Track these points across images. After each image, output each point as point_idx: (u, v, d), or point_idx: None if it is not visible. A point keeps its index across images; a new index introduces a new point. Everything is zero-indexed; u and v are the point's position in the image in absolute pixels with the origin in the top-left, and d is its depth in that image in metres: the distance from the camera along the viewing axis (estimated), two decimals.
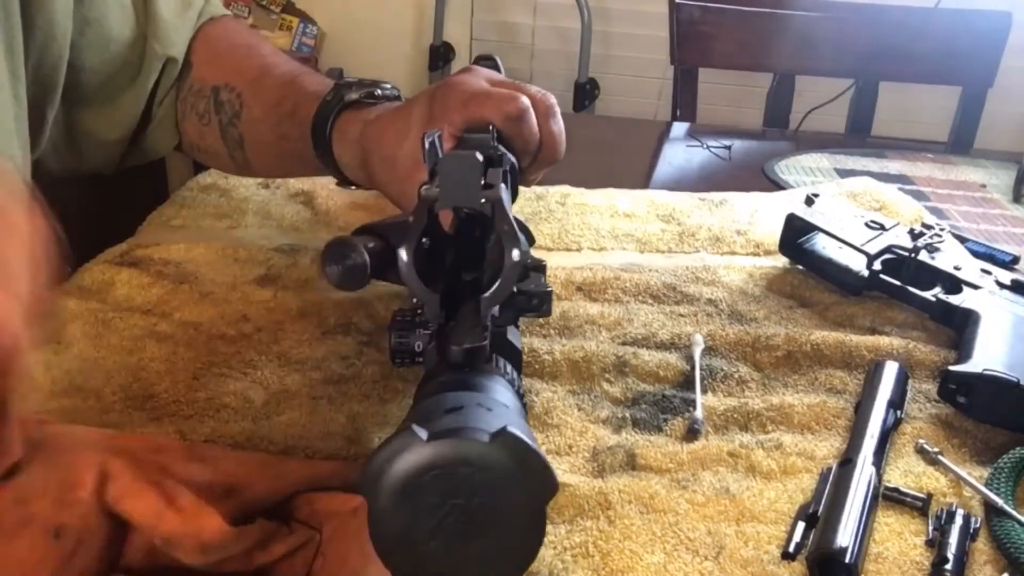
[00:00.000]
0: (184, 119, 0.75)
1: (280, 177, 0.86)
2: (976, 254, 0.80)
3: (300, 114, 0.68)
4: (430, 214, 0.42)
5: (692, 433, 0.56)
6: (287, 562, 0.42)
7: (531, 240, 0.69)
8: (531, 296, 0.46)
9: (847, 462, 0.52)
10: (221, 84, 0.73)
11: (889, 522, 0.50)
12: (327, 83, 0.69)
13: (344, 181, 0.70)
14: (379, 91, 0.69)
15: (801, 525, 0.48)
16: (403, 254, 0.40)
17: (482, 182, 0.38)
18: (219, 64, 0.75)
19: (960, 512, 0.49)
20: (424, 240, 0.42)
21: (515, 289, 0.44)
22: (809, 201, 0.78)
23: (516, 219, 0.66)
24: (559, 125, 0.62)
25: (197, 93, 0.74)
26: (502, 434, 0.33)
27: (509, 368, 0.44)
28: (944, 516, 0.49)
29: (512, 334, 0.48)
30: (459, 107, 0.59)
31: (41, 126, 0.67)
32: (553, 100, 0.62)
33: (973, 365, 0.59)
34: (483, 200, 0.40)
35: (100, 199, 0.82)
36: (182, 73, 0.75)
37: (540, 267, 0.49)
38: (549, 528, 0.48)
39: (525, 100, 0.59)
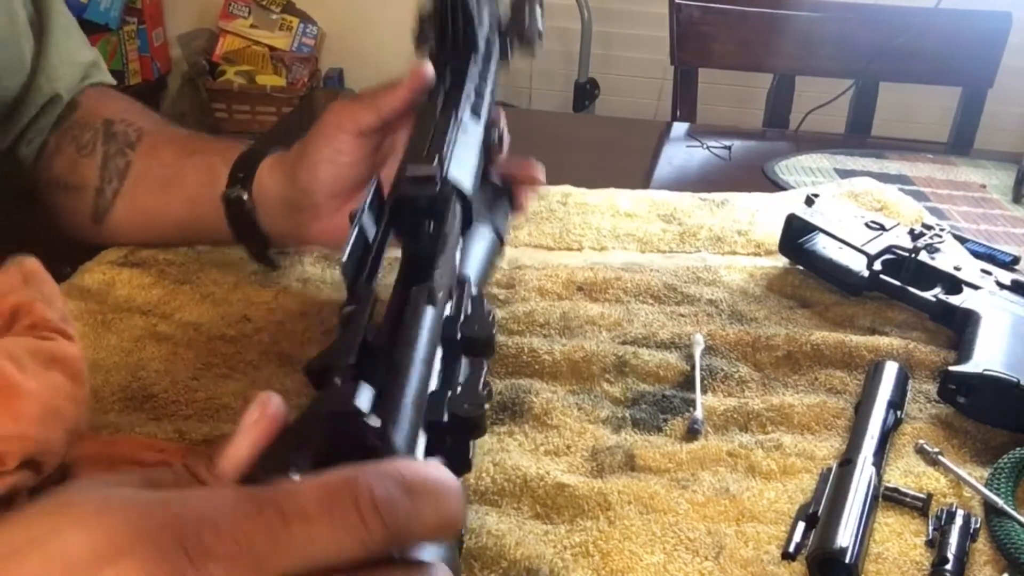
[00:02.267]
0: (56, 153, 0.72)
1: (123, 233, 0.73)
2: (976, 254, 0.80)
3: (210, 156, 0.68)
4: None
5: (692, 433, 0.56)
6: None
7: (501, 239, 0.61)
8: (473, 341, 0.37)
9: (847, 462, 0.52)
10: (116, 118, 0.72)
11: (889, 522, 0.50)
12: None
13: (241, 231, 0.67)
14: None
15: (801, 525, 0.48)
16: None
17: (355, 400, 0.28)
18: (114, 105, 0.74)
19: (960, 512, 0.49)
20: None
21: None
22: (809, 201, 0.78)
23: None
24: None
25: (83, 126, 0.72)
26: None
27: None
28: (944, 516, 0.49)
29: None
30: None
31: None
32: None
33: (973, 365, 0.59)
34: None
35: None
36: (64, 111, 0.72)
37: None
38: (549, 527, 0.48)
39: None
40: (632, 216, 0.87)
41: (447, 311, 0.41)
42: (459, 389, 0.36)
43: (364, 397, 0.28)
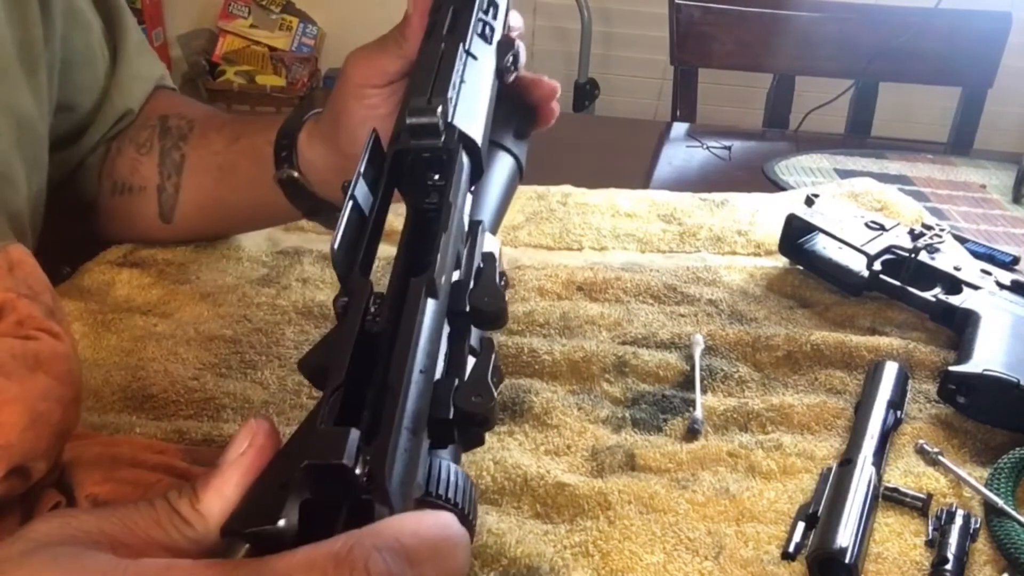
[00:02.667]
0: (117, 156, 0.71)
1: (196, 228, 0.74)
2: (976, 255, 0.80)
3: (254, 137, 0.67)
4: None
5: (692, 433, 0.56)
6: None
7: (520, 166, 0.56)
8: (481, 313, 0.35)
9: (847, 462, 0.52)
10: (171, 113, 0.72)
11: (889, 522, 0.50)
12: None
13: (307, 208, 0.66)
14: None
15: (801, 525, 0.48)
16: None
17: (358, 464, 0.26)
18: (168, 101, 0.74)
19: (960, 512, 0.49)
20: None
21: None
22: (809, 201, 0.78)
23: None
24: None
25: (140, 126, 0.72)
26: None
27: (452, 477, 0.30)
28: (944, 516, 0.49)
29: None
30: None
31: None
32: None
33: (973, 365, 0.59)
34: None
35: None
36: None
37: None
38: (549, 527, 0.48)
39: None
40: (632, 216, 0.87)
41: (455, 276, 0.37)
42: (467, 376, 0.33)
43: (350, 445, 0.26)
